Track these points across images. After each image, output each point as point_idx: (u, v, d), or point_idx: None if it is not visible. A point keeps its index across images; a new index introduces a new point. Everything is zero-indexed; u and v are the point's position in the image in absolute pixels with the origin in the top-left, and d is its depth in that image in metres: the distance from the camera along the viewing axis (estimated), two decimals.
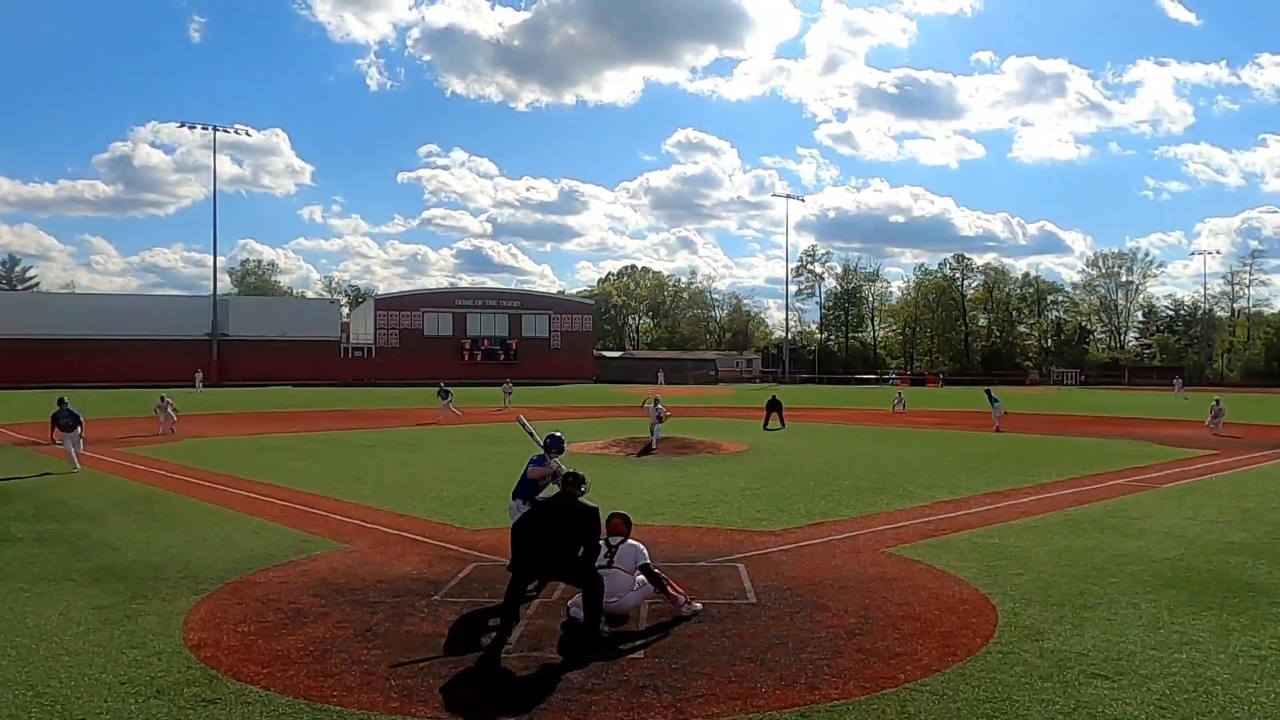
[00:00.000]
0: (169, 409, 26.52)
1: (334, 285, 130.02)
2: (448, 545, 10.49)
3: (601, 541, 7.48)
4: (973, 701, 5.68)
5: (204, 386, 60.80)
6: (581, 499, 7.36)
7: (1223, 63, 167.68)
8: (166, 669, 6.24)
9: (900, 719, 5.44)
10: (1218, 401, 28.19)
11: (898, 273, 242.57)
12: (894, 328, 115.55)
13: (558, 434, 9.58)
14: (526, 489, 9.06)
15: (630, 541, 7.69)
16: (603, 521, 7.47)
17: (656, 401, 24.21)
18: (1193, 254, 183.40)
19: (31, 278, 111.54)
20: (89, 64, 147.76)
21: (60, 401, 18.38)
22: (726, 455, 20.62)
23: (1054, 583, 8.64)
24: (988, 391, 32.16)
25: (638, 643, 6.91)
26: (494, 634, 6.96)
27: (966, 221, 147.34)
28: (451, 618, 7.52)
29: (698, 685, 5.97)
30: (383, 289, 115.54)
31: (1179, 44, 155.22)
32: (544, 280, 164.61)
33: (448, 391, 34.34)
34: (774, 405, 29.97)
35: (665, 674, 6.18)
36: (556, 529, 7.07)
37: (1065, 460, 19.52)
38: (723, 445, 22.38)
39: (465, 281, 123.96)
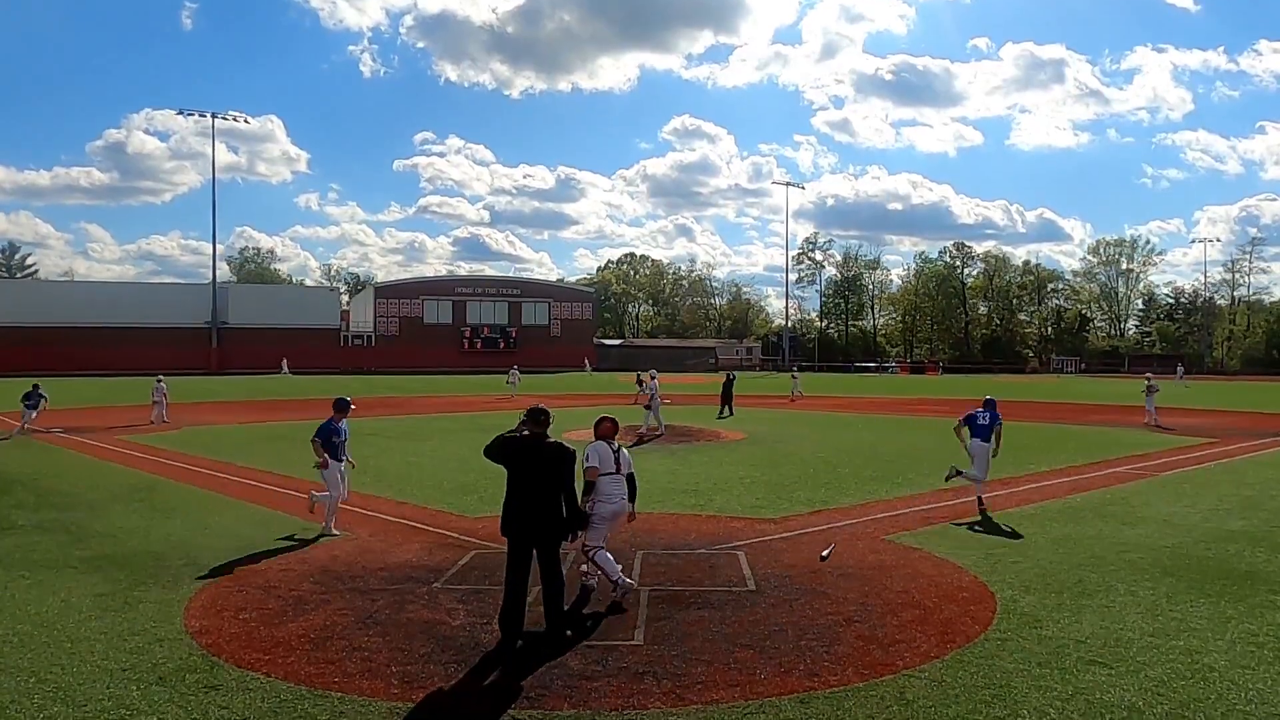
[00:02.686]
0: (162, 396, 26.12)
1: (332, 273, 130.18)
2: (448, 533, 10.52)
3: (603, 444, 7.77)
4: (971, 688, 5.70)
5: (290, 371, 63.65)
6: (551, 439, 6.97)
7: (1221, 49, 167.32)
8: (168, 655, 6.26)
9: (899, 705, 5.47)
10: (1149, 377, 27.18)
11: (897, 260, 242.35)
12: (894, 316, 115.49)
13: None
14: None
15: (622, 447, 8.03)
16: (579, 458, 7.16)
17: (654, 376, 24.10)
18: (1192, 242, 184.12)
19: (30, 265, 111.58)
20: (81, 51, 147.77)
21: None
22: (726, 443, 20.63)
23: (1052, 570, 8.67)
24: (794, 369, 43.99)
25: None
26: (495, 620, 6.96)
27: (965, 209, 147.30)
28: (451, 605, 7.54)
29: (697, 672, 6.00)
30: (381, 277, 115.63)
31: (1177, 30, 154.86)
32: (542, 268, 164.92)
33: (40, 397, 22.79)
34: (727, 388, 29.37)
35: (665, 661, 6.20)
36: (535, 469, 6.75)
37: (1064, 448, 19.53)
38: (722, 433, 22.40)
39: (464, 269, 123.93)
